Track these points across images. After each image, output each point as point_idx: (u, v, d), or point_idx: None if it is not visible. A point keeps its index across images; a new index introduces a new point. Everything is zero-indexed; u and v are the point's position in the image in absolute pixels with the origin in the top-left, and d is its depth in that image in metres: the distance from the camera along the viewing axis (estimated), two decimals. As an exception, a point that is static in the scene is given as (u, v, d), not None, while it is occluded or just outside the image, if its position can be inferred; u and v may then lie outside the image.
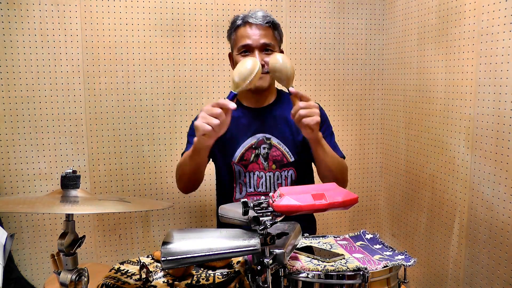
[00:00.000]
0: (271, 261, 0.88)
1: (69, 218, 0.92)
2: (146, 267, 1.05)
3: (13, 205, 1.03)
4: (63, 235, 0.90)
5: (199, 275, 1.06)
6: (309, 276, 0.97)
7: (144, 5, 2.00)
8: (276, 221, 0.92)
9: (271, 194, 0.93)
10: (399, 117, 2.22)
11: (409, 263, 1.02)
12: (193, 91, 2.10)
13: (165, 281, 1.04)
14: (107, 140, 2.02)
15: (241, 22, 1.50)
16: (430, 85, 1.95)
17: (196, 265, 1.11)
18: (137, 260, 1.16)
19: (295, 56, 2.21)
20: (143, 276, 1.03)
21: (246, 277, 1.04)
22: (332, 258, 1.04)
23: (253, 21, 1.47)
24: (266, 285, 0.88)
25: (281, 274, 0.95)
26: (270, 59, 1.36)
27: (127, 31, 1.99)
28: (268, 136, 1.53)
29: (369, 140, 2.38)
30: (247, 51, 1.47)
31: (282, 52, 1.56)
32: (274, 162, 1.52)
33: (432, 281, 2.00)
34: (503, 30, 1.54)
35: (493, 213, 1.62)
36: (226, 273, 1.07)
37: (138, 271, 1.07)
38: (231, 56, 1.58)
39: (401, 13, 2.17)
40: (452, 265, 1.84)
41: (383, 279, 1.00)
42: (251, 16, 1.48)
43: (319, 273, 0.97)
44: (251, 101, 1.56)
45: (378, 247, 1.15)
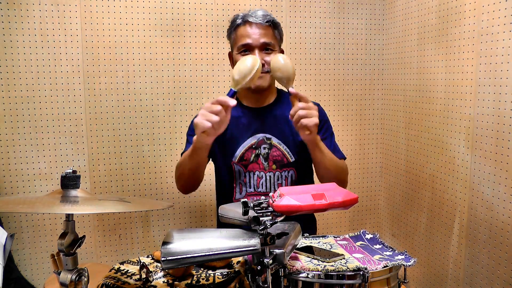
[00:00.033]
0: (271, 261, 0.88)
1: (69, 218, 0.92)
2: (146, 267, 1.05)
3: (13, 205, 1.03)
4: (63, 235, 0.90)
5: (199, 275, 1.06)
6: (309, 276, 0.97)
7: (144, 5, 2.00)
8: (276, 221, 0.92)
9: (271, 194, 0.93)
10: (399, 117, 2.22)
11: (409, 263, 1.02)
12: (193, 91, 2.10)
13: (165, 281, 1.04)
14: (107, 140, 2.02)
15: (241, 21, 1.48)
16: (430, 85, 1.95)
17: (196, 265, 1.11)
18: (137, 260, 1.16)
19: (295, 56, 2.21)
20: (143, 276, 1.03)
21: (246, 277, 1.04)
22: (332, 258, 1.04)
23: (253, 20, 1.46)
24: (266, 285, 0.88)
25: (281, 274, 0.95)
26: (272, 59, 1.36)
27: (127, 31, 1.99)
28: (269, 136, 1.52)
29: (369, 140, 2.38)
30: (247, 50, 1.46)
31: (282, 52, 1.56)
32: (275, 162, 1.51)
33: (432, 281, 2.00)
34: (503, 30, 1.54)
35: (493, 213, 1.62)
36: (226, 273, 1.07)
37: (138, 271, 1.07)
38: (231, 55, 1.57)
39: (401, 13, 2.17)
40: (452, 265, 1.84)
41: (383, 279, 1.00)
42: (251, 15, 1.47)
43: (319, 273, 0.97)
44: (251, 100, 1.55)
45: (378, 247, 1.15)
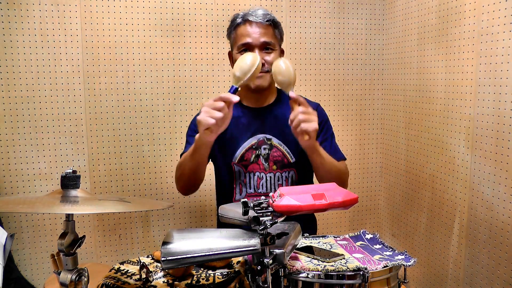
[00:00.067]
0: (271, 261, 0.88)
1: (69, 218, 0.91)
2: (146, 267, 1.05)
3: (13, 205, 1.03)
4: (63, 235, 0.90)
5: (199, 275, 1.06)
6: (309, 276, 0.96)
7: (144, 5, 2.00)
8: (276, 221, 0.92)
9: (271, 194, 0.93)
10: (399, 117, 2.22)
11: (409, 263, 1.02)
12: (193, 91, 2.10)
13: (165, 281, 1.04)
14: (107, 140, 2.02)
15: (241, 20, 1.47)
16: (430, 85, 1.95)
17: (196, 265, 1.11)
18: (137, 260, 1.16)
19: (295, 56, 2.21)
20: (143, 276, 1.03)
21: (246, 277, 1.04)
22: (332, 258, 1.04)
23: (253, 19, 1.45)
24: (266, 285, 0.88)
25: (281, 274, 0.95)
26: (274, 63, 1.36)
27: (127, 31, 1.99)
28: (269, 137, 1.51)
29: (369, 140, 2.38)
30: (247, 49, 1.44)
31: (283, 52, 1.56)
32: (275, 163, 1.50)
33: (432, 281, 2.00)
34: (503, 30, 1.54)
35: (493, 213, 1.62)
36: (226, 273, 1.07)
37: (138, 271, 1.07)
38: (230, 54, 1.56)
39: (401, 13, 2.17)
40: (452, 265, 1.84)
41: (383, 279, 1.00)
42: (251, 14, 1.46)
43: (319, 273, 0.97)
44: (251, 100, 1.54)
45: (378, 247, 1.15)
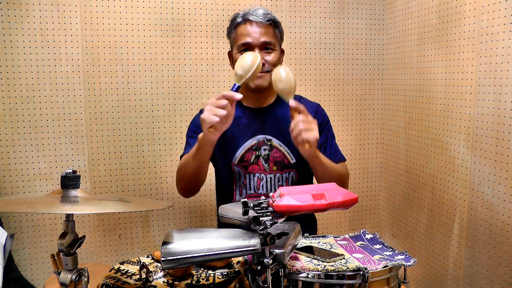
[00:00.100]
0: (271, 261, 0.88)
1: (69, 218, 0.91)
2: (146, 267, 1.05)
3: (13, 205, 1.03)
4: (63, 235, 0.90)
5: (199, 275, 1.06)
6: (309, 276, 0.96)
7: (144, 5, 2.00)
8: (276, 221, 0.92)
9: (271, 194, 0.93)
10: (399, 117, 2.22)
11: (409, 263, 1.02)
12: (193, 91, 2.10)
13: (165, 281, 1.04)
14: (107, 140, 2.02)
15: (241, 19, 1.46)
16: (430, 85, 1.95)
17: (196, 265, 1.11)
18: (137, 260, 1.16)
19: (295, 56, 2.21)
20: (143, 276, 1.03)
21: (246, 277, 1.04)
22: (332, 258, 1.04)
23: (254, 18, 1.44)
24: (266, 285, 0.88)
25: (281, 274, 0.95)
26: (274, 71, 1.35)
27: (127, 31, 1.99)
28: (269, 138, 1.51)
29: (369, 140, 2.38)
30: (247, 49, 1.43)
31: (283, 52, 1.55)
32: (275, 164, 1.50)
33: (432, 281, 2.00)
34: (503, 30, 1.54)
35: (493, 213, 1.62)
36: (226, 273, 1.07)
37: (138, 271, 1.07)
38: (230, 54, 1.55)
39: (401, 13, 2.17)
40: (452, 265, 1.84)
41: (383, 279, 1.00)
42: (251, 13, 1.45)
43: (319, 273, 0.97)
44: (251, 101, 1.53)
45: (378, 247, 1.15)
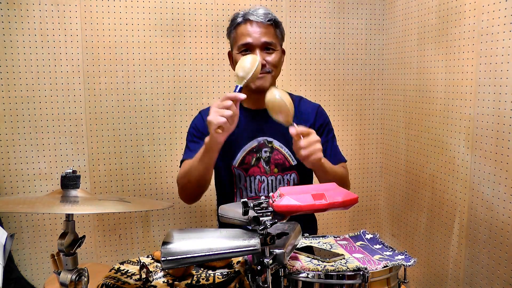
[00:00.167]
0: (271, 261, 0.88)
1: (69, 218, 0.91)
2: (146, 267, 1.05)
3: (13, 205, 1.03)
4: (63, 235, 0.90)
5: (199, 275, 1.06)
6: (309, 276, 0.96)
7: (144, 5, 2.00)
8: (276, 221, 0.92)
9: (271, 194, 0.93)
10: (399, 117, 2.22)
11: (409, 263, 1.02)
12: (193, 91, 2.10)
13: (165, 281, 1.04)
14: (107, 140, 2.02)
15: (241, 19, 1.44)
16: (430, 85, 1.95)
17: (196, 265, 1.11)
18: (137, 260, 1.16)
19: (295, 56, 2.21)
20: (143, 276, 1.03)
21: (246, 277, 1.04)
22: (332, 258, 1.04)
23: (254, 18, 1.42)
24: (266, 285, 0.88)
25: (281, 274, 0.95)
26: (266, 97, 1.25)
27: (127, 31, 1.99)
28: (270, 140, 1.49)
29: (369, 140, 2.38)
30: (247, 49, 1.42)
31: (284, 52, 1.53)
32: (276, 166, 1.49)
33: (432, 281, 2.00)
34: (503, 30, 1.54)
35: (493, 213, 1.62)
36: (226, 273, 1.07)
37: (138, 271, 1.07)
38: (230, 54, 1.53)
39: (401, 13, 2.17)
40: (452, 265, 1.84)
41: (383, 279, 1.00)
42: (252, 13, 1.43)
43: (319, 273, 0.97)
44: (252, 102, 1.50)
45: (378, 247, 1.15)
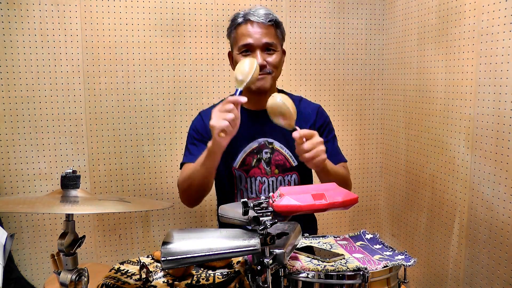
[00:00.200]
0: (271, 261, 0.88)
1: (69, 218, 0.91)
2: (146, 267, 1.05)
3: (13, 205, 1.03)
4: (63, 235, 0.90)
5: (199, 275, 1.06)
6: (309, 276, 0.96)
7: (144, 5, 2.00)
8: (276, 221, 0.92)
9: (271, 194, 0.93)
10: (399, 117, 2.22)
11: (409, 263, 1.02)
12: (193, 91, 2.10)
13: (165, 281, 1.04)
14: (107, 140, 2.02)
15: (242, 19, 1.43)
16: (430, 85, 1.95)
17: (196, 265, 1.11)
18: (137, 260, 1.16)
19: (295, 56, 2.21)
20: (143, 276, 1.03)
21: (246, 277, 1.04)
22: (332, 258, 1.04)
23: (255, 19, 1.41)
24: (266, 285, 0.88)
25: (281, 274, 0.95)
26: (267, 104, 1.25)
27: (127, 31, 1.99)
28: (270, 141, 1.49)
29: (369, 140, 2.38)
30: (248, 50, 1.41)
31: (284, 52, 1.52)
32: (277, 167, 1.48)
33: (432, 281, 2.00)
34: (503, 30, 1.54)
35: (493, 213, 1.62)
36: (226, 273, 1.07)
37: (138, 271, 1.07)
38: (230, 55, 1.52)
39: (401, 13, 2.17)
40: (452, 265, 1.84)
41: (383, 279, 1.00)
42: (252, 13, 1.42)
43: (319, 273, 0.97)
44: (252, 103, 1.47)
45: (378, 247, 1.15)
